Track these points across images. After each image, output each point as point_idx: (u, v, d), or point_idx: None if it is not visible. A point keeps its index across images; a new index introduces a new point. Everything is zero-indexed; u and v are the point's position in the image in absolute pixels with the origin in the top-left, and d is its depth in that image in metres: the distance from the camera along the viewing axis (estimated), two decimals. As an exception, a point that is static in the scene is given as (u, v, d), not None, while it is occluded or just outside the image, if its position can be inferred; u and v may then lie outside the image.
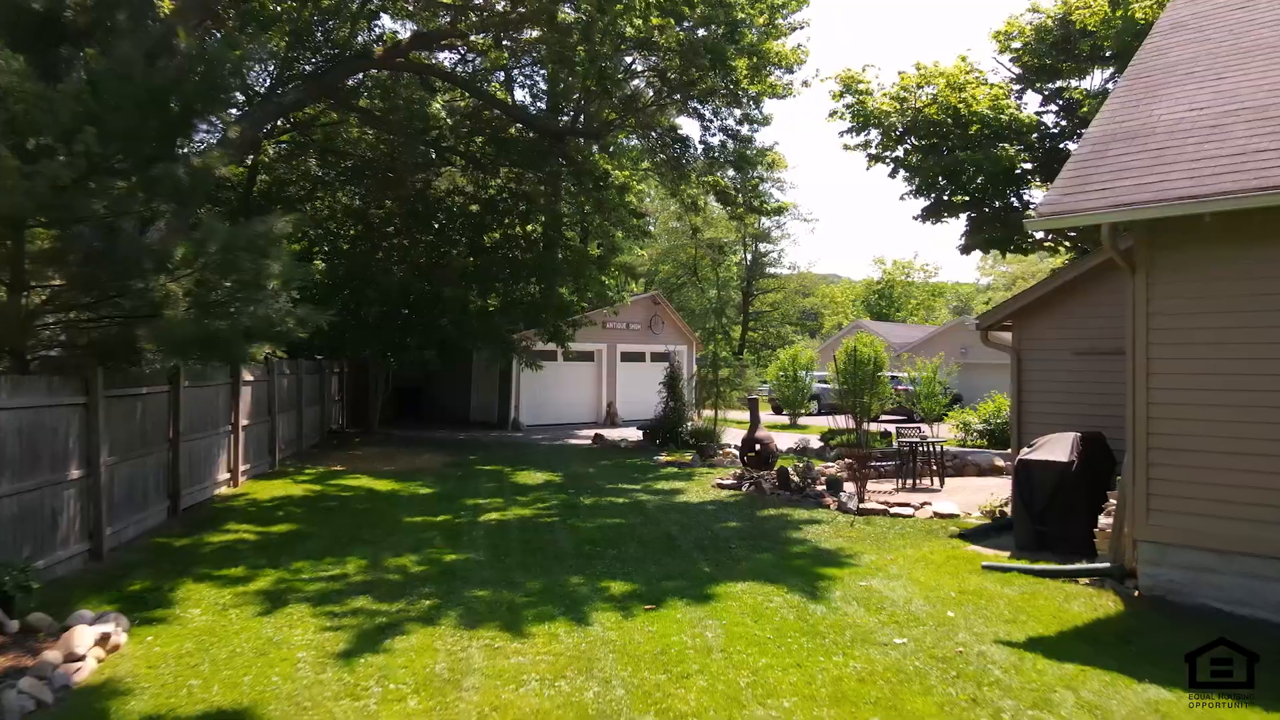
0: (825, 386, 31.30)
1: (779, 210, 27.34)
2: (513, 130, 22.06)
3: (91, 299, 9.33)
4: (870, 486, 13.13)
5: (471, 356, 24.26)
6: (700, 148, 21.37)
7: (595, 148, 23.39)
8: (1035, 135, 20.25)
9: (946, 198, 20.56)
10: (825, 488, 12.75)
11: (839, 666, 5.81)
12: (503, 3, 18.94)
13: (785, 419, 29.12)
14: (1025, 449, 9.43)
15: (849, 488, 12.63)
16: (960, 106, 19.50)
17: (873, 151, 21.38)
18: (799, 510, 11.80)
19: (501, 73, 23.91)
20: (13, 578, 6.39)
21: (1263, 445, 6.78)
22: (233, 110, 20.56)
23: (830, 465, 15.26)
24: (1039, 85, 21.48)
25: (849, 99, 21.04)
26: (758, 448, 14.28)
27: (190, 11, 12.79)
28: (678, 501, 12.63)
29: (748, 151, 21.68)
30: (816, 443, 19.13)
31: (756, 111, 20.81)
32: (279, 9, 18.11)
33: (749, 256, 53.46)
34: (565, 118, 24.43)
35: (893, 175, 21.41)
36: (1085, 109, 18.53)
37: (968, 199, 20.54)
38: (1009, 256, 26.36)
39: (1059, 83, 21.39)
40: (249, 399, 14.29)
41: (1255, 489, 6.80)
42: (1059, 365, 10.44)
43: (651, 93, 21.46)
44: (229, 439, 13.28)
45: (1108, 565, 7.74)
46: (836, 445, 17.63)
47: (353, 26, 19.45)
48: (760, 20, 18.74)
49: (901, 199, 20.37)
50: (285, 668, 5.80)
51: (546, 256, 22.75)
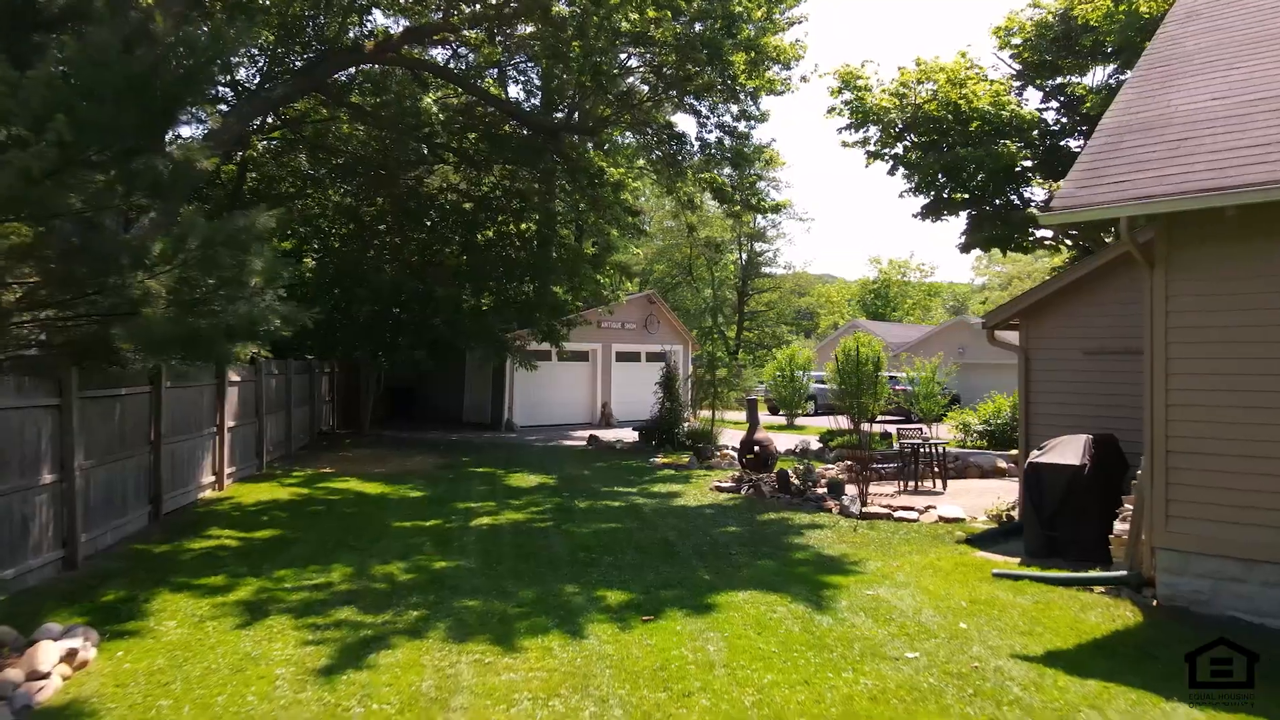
0: (822, 387, 31.03)
1: (776, 208, 27.01)
2: (507, 128, 21.72)
3: (67, 296, 8.98)
4: (872, 489, 12.83)
5: (465, 356, 23.90)
6: (696, 144, 21.03)
7: (590, 144, 23.06)
8: (1036, 132, 19.97)
9: (946, 195, 20.26)
10: (826, 491, 12.45)
11: (849, 684, 5.50)
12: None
13: (782, 419, 28.83)
14: (1035, 451, 9.13)
15: (850, 490, 12.33)
16: (961, 103, 19.20)
17: (871, 149, 21.07)
18: (800, 514, 11.49)
19: (495, 69, 23.56)
20: (-25, 590, 6.05)
21: (1288, 449, 6.50)
22: (222, 107, 20.30)
23: (830, 467, 14.95)
24: (1039, 82, 21.21)
25: (847, 95, 20.72)
26: (757, 449, 13.97)
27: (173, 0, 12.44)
28: (675, 505, 12.31)
29: (745, 149, 21.35)
30: (815, 444, 18.83)
31: (754, 107, 20.48)
32: (268, 1, 17.73)
33: (744, 256, 53.17)
34: (559, 114, 24.09)
35: (892, 173, 21.11)
36: (1089, 104, 18.25)
37: (968, 197, 20.25)
38: (1004, 256, 26.10)
39: (1059, 79, 21.13)
40: (235, 400, 13.93)
41: (1281, 494, 6.51)
42: (1068, 365, 10.14)
43: (646, 89, 21.14)
44: (214, 441, 12.92)
45: (1124, 573, 7.44)
46: (836, 447, 17.33)
47: (343, 21, 19.10)
48: (758, 14, 18.41)
49: (900, 196, 20.16)
50: (262, 686, 5.46)
51: (541, 255, 22.41)
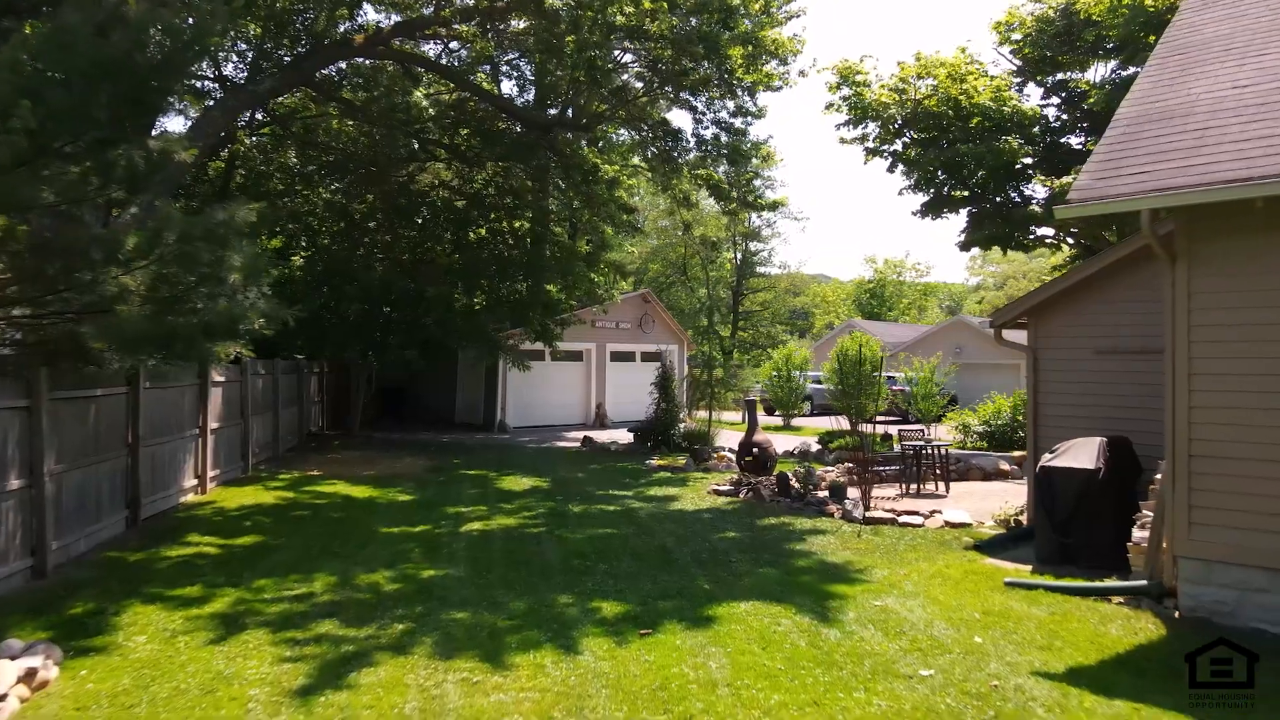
0: (818, 387, 30.71)
1: (774, 205, 26.66)
2: (500, 124, 21.35)
3: (38, 293, 8.60)
4: (874, 492, 12.46)
5: (457, 356, 23.53)
6: (693, 141, 20.66)
7: (584, 141, 22.69)
8: (1037, 129, 19.66)
9: (946, 192, 19.94)
10: (828, 494, 12.10)
11: (862, 705, 5.15)
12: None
13: (778, 420, 28.50)
14: (1047, 454, 8.80)
15: (853, 494, 11.98)
16: (961, 98, 18.88)
17: (870, 145, 20.72)
18: (801, 519, 11.14)
19: (488, 65, 23.18)
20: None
21: (1320, 453, 6.17)
22: (208, 102, 19.89)
23: (830, 469, 14.61)
24: (1040, 78, 20.90)
25: (846, 91, 20.38)
26: (755, 451, 13.62)
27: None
28: (672, 509, 11.95)
29: (741, 145, 20.99)
30: (815, 445, 18.48)
31: (751, 103, 20.12)
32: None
33: (739, 256, 52.83)
34: (553, 110, 23.71)
35: (891, 169, 20.77)
36: (1092, 99, 17.94)
37: (968, 194, 19.94)
38: (1004, 254, 25.81)
39: (1060, 75, 20.83)
40: (219, 400, 13.54)
41: (1311, 501, 6.19)
42: (1078, 365, 9.82)
43: (641, 85, 20.78)
44: (196, 443, 12.53)
45: (1144, 583, 7.11)
46: (836, 448, 16.99)
47: (331, 14, 18.68)
48: (755, 7, 18.07)
49: (900, 194, 19.79)
50: (234, 709, 5.09)
51: (534, 253, 22.03)
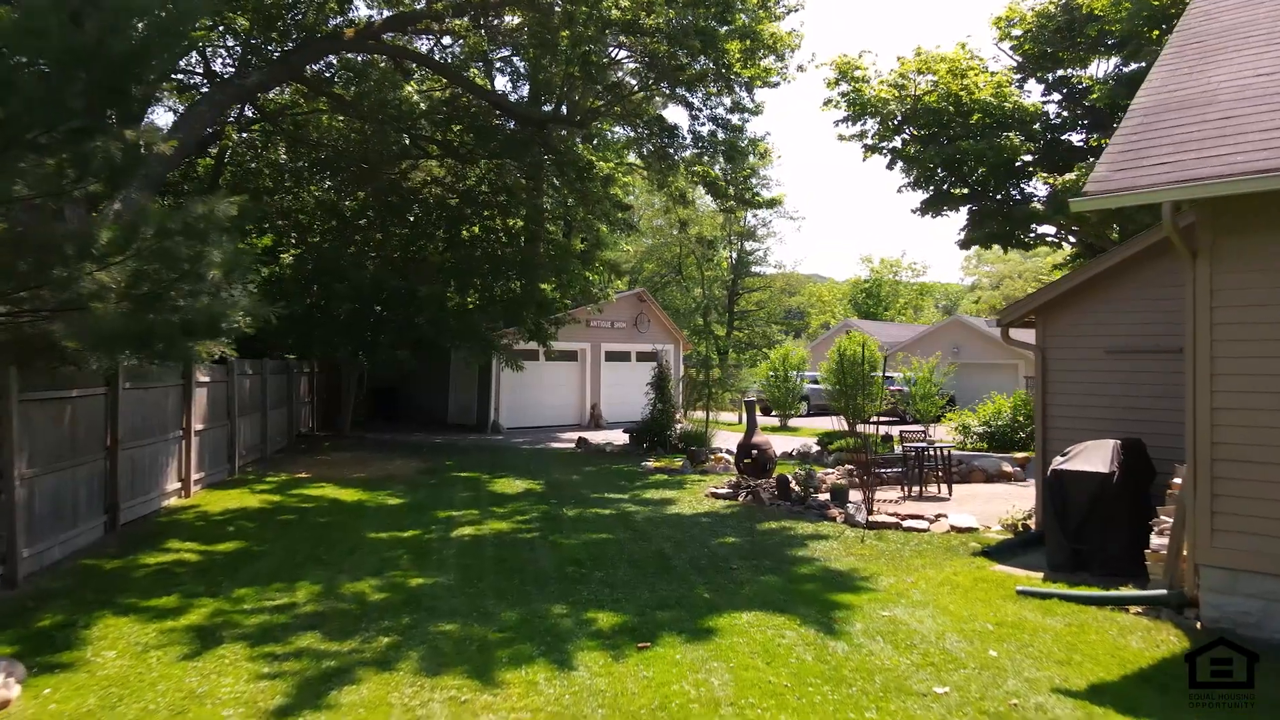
0: (816, 387, 30.43)
1: (771, 203, 26.38)
2: (494, 121, 21.01)
3: (10, 289, 8.25)
4: (876, 495, 12.17)
5: (449, 356, 23.18)
6: (689, 137, 20.36)
7: (579, 138, 22.38)
8: (1038, 125, 19.42)
9: (946, 190, 19.69)
10: (829, 497, 11.80)
11: (875, 727, 4.84)
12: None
13: (775, 420, 28.19)
14: (1059, 457, 8.50)
15: (854, 497, 11.68)
16: (962, 94, 18.63)
17: (869, 142, 20.48)
18: (802, 523, 10.83)
19: (481, 61, 22.86)
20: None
21: (1351, 457, 5.88)
22: (196, 96, 19.52)
23: (831, 471, 14.31)
24: (1040, 74, 20.67)
25: (844, 87, 20.14)
26: (754, 453, 13.30)
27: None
28: (669, 513, 11.63)
29: (738, 142, 20.72)
30: (814, 446, 18.17)
31: (748, 99, 19.83)
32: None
33: (734, 255, 52.54)
34: (548, 107, 23.38)
35: (890, 166, 20.54)
36: (1096, 95, 17.69)
37: (968, 191, 19.69)
38: (1005, 253, 25.56)
39: (1060, 72, 20.60)
40: (204, 401, 13.19)
41: (1342, 507, 5.90)
42: (1089, 364, 9.53)
43: (635, 82, 20.47)
44: (180, 445, 12.18)
45: (1164, 593, 6.81)
46: (836, 450, 16.68)
47: (321, 8, 18.32)
48: (753, 1, 17.77)
49: (899, 191, 19.57)
50: (203, 732, 4.77)
51: (528, 251, 21.71)
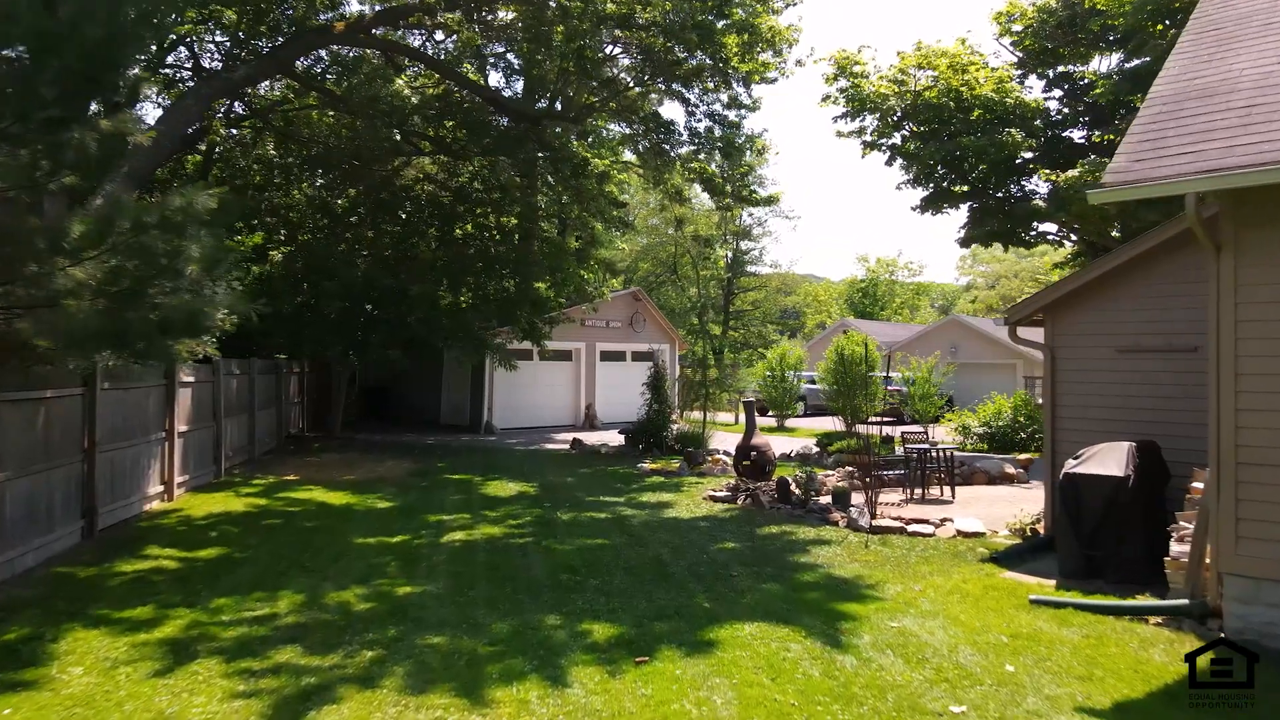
0: (812, 387, 30.18)
1: (768, 200, 26.06)
2: (489, 118, 20.66)
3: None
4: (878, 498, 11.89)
5: (442, 355, 22.85)
6: (685, 133, 20.05)
7: (574, 134, 22.05)
8: (1039, 122, 19.14)
9: (946, 187, 19.40)
10: (831, 501, 11.50)
11: (889, 751, 4.53)
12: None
13: (772, 421, 27.92)
14: (1071, 460, 8.21)
15: (856, 500, 11.38)
16: (963, 89, 18.34)
17: (868, 138, 20.17)
18: (803, 527, 10.52)
19: (474, 57, 22.50)
20: None
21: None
22: (185, 82, 19.16)
23: (831, 473, 14.02)
24: (1041, 70, 20.41)
25: (843, 83, 19.83)
26: (754, 455, 12.99)
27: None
28: (666, 517, 11.31)
29: (735, 138, 20.38)
30: (813, 448, 17.86)
31: (745, 94, 19.49)
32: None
33: (730, 255, 52.22)
34: (542, 103, 23.04)
35: (889, 163, 20.23)
36: (1099, 90, 17.40)
37: (968, 188, 19.41)
38: (1006, 251, 25.31)
39: (1061, 68, 20.34)
40: (188, 402, 12.84)
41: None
42: (1099, 364, 9.24)
43: (630, 78, 20.15)
44: (162, 447, 11.83)
45: (1185, 602, 6.51)
46: (836, 451, 16.37)
47: (311, 1, 17.96)
48: (751, -7, 17.49)
49: (898, 188, 19.29)
50: (170, 758, 4.44)
51: (522, 249, 21.37)
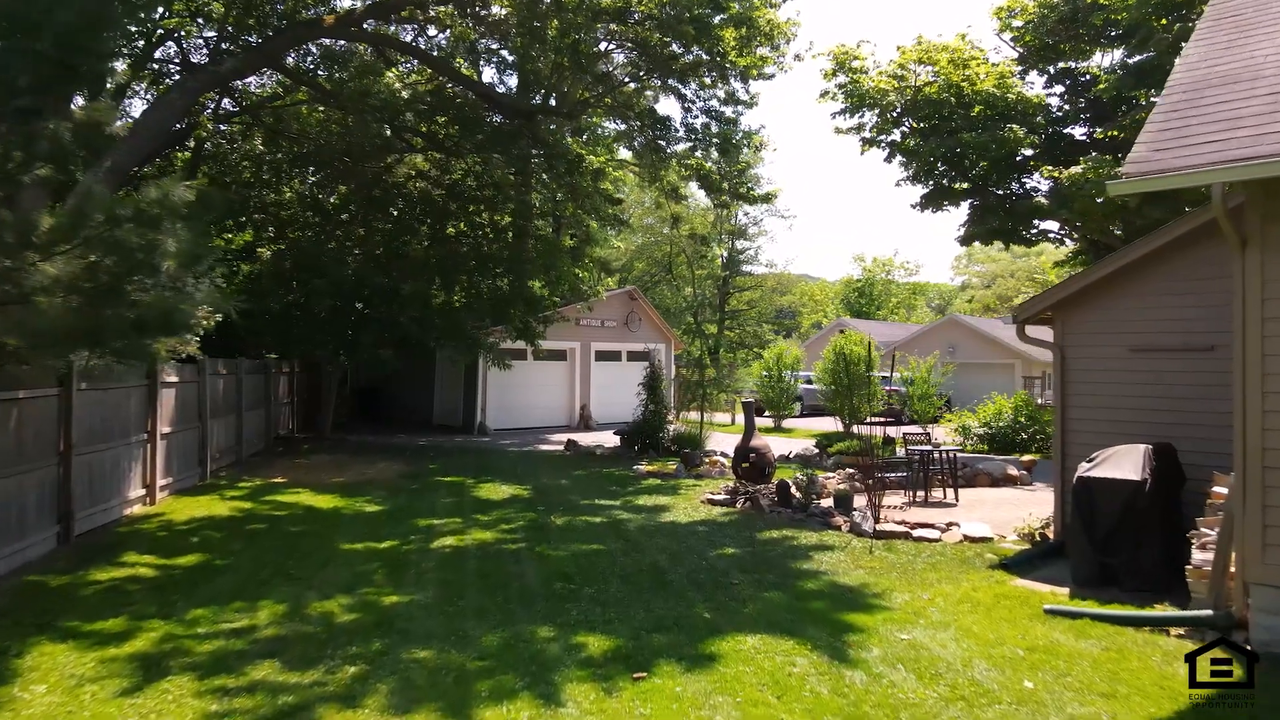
0: (809, 387, 29.89)
1: (766, 198, 25.75)
2: (482, 114, 20.31)
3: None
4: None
5: (435, 355, 22.51)
6: (682, 130, 19.73)
7: (568, 131, 21.71)
8: (1040, 118, 18.88)
9: (947, 184, 19.13)
10: (833, 504, 11.20)
11: (907, 779, 4.22)
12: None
13: (769, 421, 27.62)
14: (1085, 464, 7.92)
15: (859, 503, 11.08)
16: (963, 85, 18.06)
17: (867, 135, 19.90)
18: (805, 532, 10.21)
19: (467, 52, 22.16)
20: None
21: None
22: (172, 77, 18.78)
23: (831, 475, 13.72)
24: (1042, 66, 20.15)
25: (842, 78, 19.56)
26: (753, 457, 12.67)
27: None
28: (663, 521, 11.00)
29: (733, 134, 20.06)
30: (813, 449, 17.54)
31: (743, 90, 19.16)
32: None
33: (725, 254, 51.94)
34: (536, 99, 22.70)
35: (888, 160, 19.97)
36: (1102, 86, 17.14)
37: (968, 186, 19.13)
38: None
39: (1061, 64, 20.09)
40: (172, 402, 12.50)
41: None
42: (1111, 364, 8.95)
43: (626, 75, 19.82)
44: (144, 449, 11.48)
45: (1209, 613, 6.22)
46: (836, 452, 16.06)
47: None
48: (748, -15, 17.15)
49: (897, 185, 19.00)
50: (131, 789, 4.11)
51: (515, 247, 21.02)
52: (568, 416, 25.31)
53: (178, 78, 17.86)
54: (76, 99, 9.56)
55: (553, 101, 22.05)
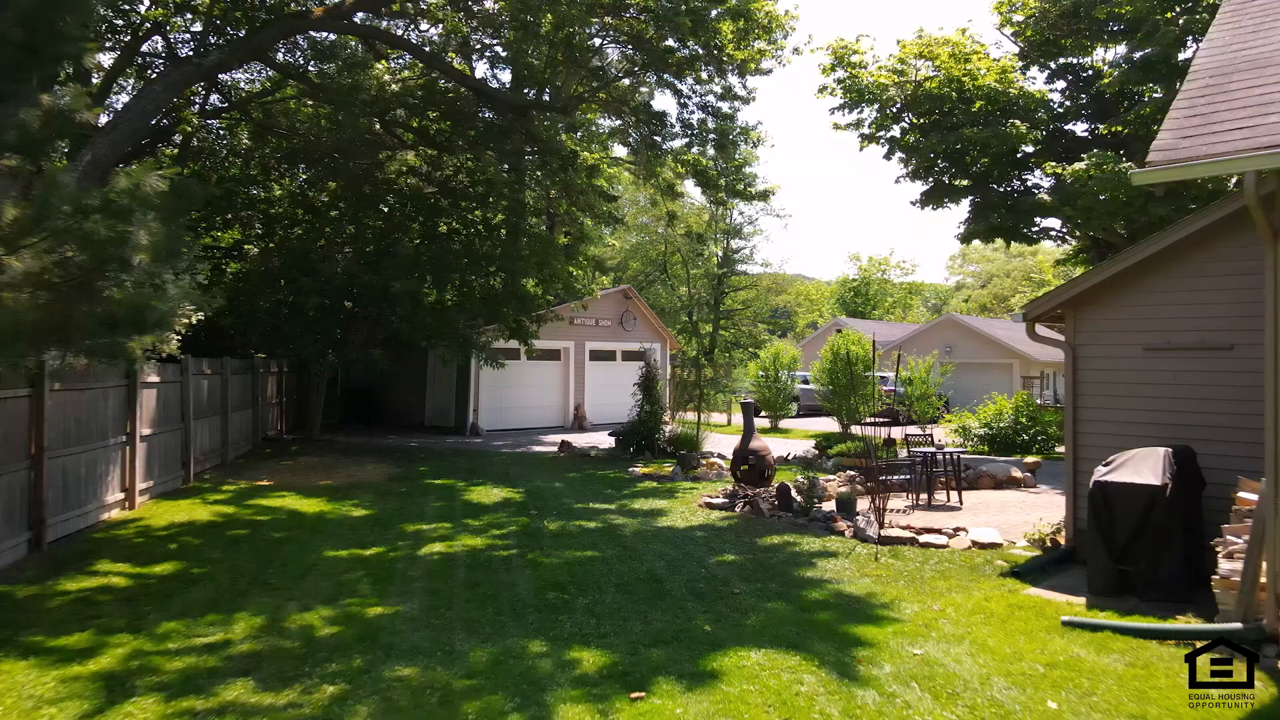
0: (806, 388, 29.58)
1: (763, 195, 25.46)
2: (475, 109, 19.93)
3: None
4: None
5: (426, 355, 22.12)
6: (678, 125, 19.38)
7: (562, 127, 21.34)
8: (1042, 112, 18.57)
9: (947, 181, 18.81)
10: (835, 508, 10.86)
11: (930, 815, 3.88)
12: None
13: (765, 422, 27.30)
14: (1101, 467, 7.59)
15: (862, 507, 10.75)
16: (965, 79, 17.74)
17: (866, 131, 19.56)
18: (807, 537, 9.87)
19: (460, 47, 21.79)
20: None
21: None
22: (159, 71, 18.37)
23: (832, 478, 13.38)
24: (1043, 61, 19.85)
25: (841, 73, 19.22)
26: (752, 460, 12.33)
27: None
28: (660, 526, 10.65)
29: (730, 130, 19.72)
30: (812, 450, 17.19)
31: (740, 85, 18.83)
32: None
33: (720, 253, 51.64)
34: (530, 94, 22.33)
35: (888, 157, 19.63)
36: (1107, 81, 16.83)
37: (969, 183, 18.82)
38: (1009, 247, 24.79)
39: (1062, 59, 19.81)
40: (152, 403, 12.12)
41: None
42: (1125, 364, 8.62)
43: (620, 70, 19.47)
44: (123, 452, 11.09)
45: (1239, 626, 5.89)
46: (836, 454, 15.73)
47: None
48: (746, -21, 16.82)
49: (896, 182, 18.71)
50: (82, 829, 3.75)
51: (508, 244, 20.65)
52: (562, 417, 24.96)
53: (163, 70, 17.46)
54: (57, 90, 9.20)
55: (546, 96, 21.69)
